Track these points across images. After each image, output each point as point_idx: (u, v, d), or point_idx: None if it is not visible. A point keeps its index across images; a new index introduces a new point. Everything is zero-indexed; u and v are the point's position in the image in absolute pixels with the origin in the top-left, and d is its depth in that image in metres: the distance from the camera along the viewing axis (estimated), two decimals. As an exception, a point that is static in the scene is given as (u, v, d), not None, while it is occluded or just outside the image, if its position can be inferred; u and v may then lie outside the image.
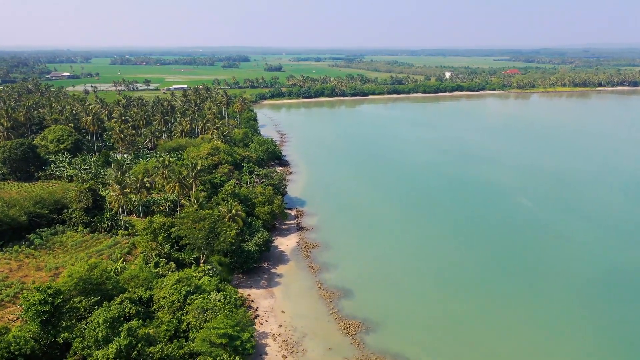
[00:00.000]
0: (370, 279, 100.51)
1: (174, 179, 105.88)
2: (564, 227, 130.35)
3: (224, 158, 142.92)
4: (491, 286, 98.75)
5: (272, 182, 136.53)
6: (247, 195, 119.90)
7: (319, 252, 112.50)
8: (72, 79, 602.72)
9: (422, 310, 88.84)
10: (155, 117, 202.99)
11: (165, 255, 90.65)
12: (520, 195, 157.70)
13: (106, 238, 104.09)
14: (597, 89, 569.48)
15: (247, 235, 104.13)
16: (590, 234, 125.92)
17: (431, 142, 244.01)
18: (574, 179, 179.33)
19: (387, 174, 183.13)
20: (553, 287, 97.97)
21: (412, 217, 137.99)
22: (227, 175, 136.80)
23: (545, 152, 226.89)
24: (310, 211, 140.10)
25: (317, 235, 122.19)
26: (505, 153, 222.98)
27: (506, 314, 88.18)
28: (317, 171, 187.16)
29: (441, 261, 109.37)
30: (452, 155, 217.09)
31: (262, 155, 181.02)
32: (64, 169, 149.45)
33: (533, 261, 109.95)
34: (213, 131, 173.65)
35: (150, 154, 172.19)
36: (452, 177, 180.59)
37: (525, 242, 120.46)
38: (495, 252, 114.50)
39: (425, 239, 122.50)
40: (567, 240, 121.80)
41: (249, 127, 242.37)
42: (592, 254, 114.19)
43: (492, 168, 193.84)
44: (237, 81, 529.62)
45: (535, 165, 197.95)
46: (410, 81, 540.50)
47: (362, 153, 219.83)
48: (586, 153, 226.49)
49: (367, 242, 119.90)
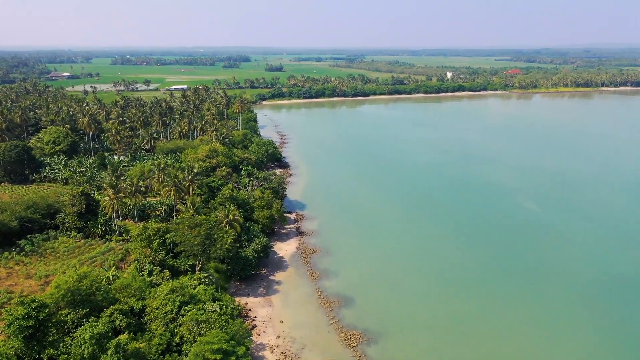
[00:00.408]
0: (372, 284, 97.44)
1: (170, 183, 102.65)
2: (565, 228, 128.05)
3: (222, 160, 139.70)
4: (493, 287, 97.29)
5: (271, 185, 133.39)
6: (245, 199, 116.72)
7: (319, 257, 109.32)
8: (72, 79, 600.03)
9: (424, 316, 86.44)
10: (153, 118, 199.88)
11: (160, 263, 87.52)
12: (522, 195, 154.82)
13: (100, 244, 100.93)
14: (600, 89, 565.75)
15: (244, 241, 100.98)
16: (592, 235, 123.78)
17: (432, 143, 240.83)
18: (575, 180, 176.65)
19: (388, 175, 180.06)
20: (554, 287, 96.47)
21: (413, 218, 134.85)
22: (225, 178, 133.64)
23: (546, 152, 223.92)
24: (311, 214, 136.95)
25: (317, 240, 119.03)
26: (506, 153, 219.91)
27: (508, 315, 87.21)
28: (318, 173, 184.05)
29: (442, 262, 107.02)
30: (454, 155, 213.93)
31: (261, 157, 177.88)
32: (59, 172, 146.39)
33: (534, 262, 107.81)
34: (211, 133, 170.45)
35: (147, 155, 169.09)
36: (454, 177, 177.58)
37: (527, 243, 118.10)
38: (497, 253, 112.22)
39: (427, 239, 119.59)
40: (568, 240, 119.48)
41: (249, 128, 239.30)
42: (593, 254, 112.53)
43: (493, 168, 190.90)
44: (237, 81, 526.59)
45: (537, 166, 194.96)
46: (411, 81, 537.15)
47: (363, 153, 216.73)
48: (588, 153, 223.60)
49: (368, 244, 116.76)
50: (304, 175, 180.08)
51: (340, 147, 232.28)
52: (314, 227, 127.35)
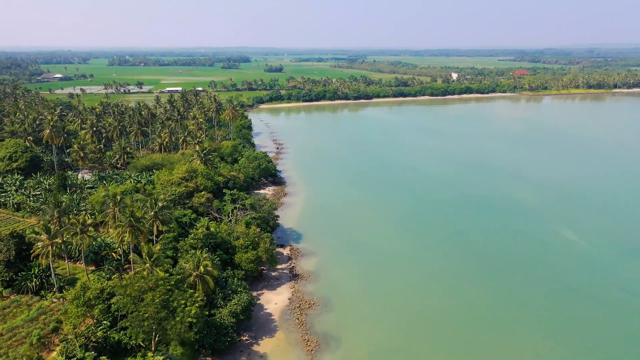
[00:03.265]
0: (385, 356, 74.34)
1: (125, 223, 79.43)
2: (632, 275, 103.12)
3: (202, 183, 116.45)
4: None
5: (260, 214, 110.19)
6: (225, 237, 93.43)
7: (317, 315, 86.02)
8: (64, 81, 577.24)
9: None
10: (132, 127, 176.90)
11: (100, 341, 64.38)
12: (559, 223, 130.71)
13: (34, 301, 78.08)
14: (612, 91, 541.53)
15: (219, 299, 77.78)
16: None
17: (443, 152, 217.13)
18: (633, 207, 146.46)
19: (397, 193, 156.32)
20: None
21: (431, 254, 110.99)
22: (204, 205, 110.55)
23: (576, 166, 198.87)
24: (308, 248, 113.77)
25: (315, 287, 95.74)
26: (530, 166, 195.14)
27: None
28: (317, 190, 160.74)
29: (475, 324, 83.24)
30: (468, 167, 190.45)
31: (252, 174, 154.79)
32: (11, 195, 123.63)
33: (588, 320, 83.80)
34: (194, 146, 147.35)
35: (120, 173, 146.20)
36: (471, 195, 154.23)
37: (575, 293, 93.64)
38: (537, 305, 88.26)
39: (452, 287, 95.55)
40: (636, 296, 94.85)
41: (242, 137, 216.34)
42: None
43: (515, 184, 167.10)
44: (234, 83, 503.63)
45: (569, 183, 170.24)
46: (415, 83, 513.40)
47: (368, 166, 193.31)
48: (629, 171, 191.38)
49: (379, 293, 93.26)
50: (301, 194, 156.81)
51: (342, 157, 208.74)
52: (311, 268, 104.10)
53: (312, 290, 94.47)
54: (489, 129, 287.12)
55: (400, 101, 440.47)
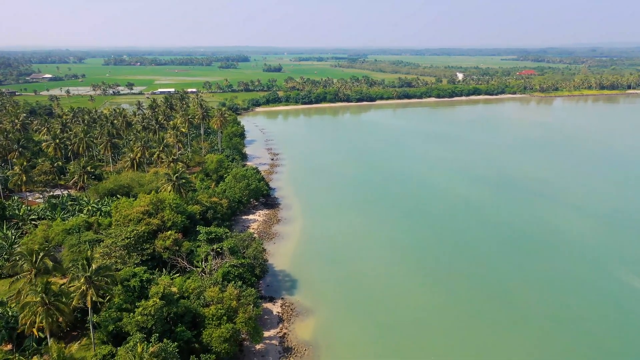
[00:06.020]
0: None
1: (38, 302, 54.37)
2: None
3: (170, 219, 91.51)
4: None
5: (243, 261, 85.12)
6: (189, 306, 68.31)
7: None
8: (53, 81, 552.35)
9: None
10: (101, 139, 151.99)
11: None
12: (622, 266, 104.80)
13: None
14: (626, 92, 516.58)
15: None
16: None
17: (461, 166, 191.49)
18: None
19: (412, 224, 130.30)
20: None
21: (458, 309, 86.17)
22: (170, 250, 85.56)
23: (630, 185, 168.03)
24: (304, 303, 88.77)
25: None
26: (568, 185, 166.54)
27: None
28: (316, 216, 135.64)
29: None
30: (492, 186, 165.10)
31: (239, 196, 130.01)
32: None
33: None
34: (168, 164, 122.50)
35: (78, 197, 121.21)
36: (501, 224, 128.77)
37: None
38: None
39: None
40: None
41: (232, 147, 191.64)
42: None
43: (554, 210, 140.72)
44: (230, 84, 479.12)
45: (626, 208, 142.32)
46: (420, 83, 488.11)
47: (374, 184, 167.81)
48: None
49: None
50: (297, 220, 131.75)
51: (345, 173, 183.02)
52: (308, 336, 79.05)
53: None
54: (507, 136, 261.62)
55: (405, 103, 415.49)
